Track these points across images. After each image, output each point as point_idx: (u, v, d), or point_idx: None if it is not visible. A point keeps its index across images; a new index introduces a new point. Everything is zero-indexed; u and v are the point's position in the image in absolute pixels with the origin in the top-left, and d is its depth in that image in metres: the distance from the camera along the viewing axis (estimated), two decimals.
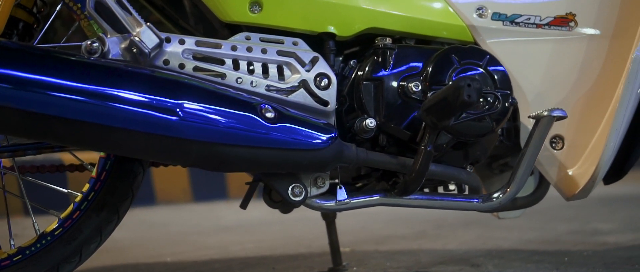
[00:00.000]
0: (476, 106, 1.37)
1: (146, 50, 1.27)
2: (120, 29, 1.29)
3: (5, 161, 1.46)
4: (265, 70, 1.36)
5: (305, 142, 1.28)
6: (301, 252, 2.38)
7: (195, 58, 1.33)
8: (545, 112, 1.35)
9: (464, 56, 1.42)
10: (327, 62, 1.40)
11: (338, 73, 1.45)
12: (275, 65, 1.37)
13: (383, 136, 1.40)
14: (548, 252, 2.21)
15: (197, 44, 1.34)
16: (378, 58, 1.41)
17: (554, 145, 1.51)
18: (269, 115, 1.27)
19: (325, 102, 1.37)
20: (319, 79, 1.37)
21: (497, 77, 1.42)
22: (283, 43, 1.39)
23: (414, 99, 1.39)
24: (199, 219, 3.97)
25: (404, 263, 2.05)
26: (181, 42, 1.33)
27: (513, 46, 1.51)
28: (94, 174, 1.40)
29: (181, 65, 1.32)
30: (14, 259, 1.35)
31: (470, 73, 1.41)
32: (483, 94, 1.37)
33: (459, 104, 1.24)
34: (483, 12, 1.50)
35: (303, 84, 1.36)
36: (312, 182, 1.38)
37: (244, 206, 1.60)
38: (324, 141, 1.30)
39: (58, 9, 1.47)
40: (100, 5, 1.29)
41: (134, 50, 1.27)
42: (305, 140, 1.28)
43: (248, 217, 2.38)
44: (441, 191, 1.57)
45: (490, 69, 1.42)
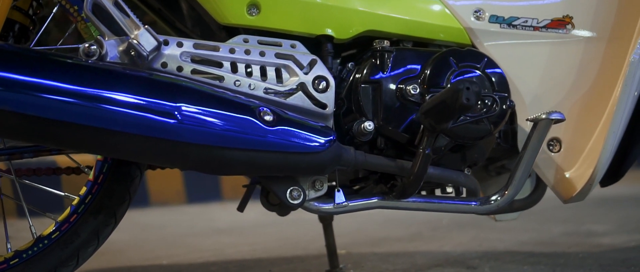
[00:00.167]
0: (474, 109, 1.37)
1: (144, 53, 1.26)
2: (118, 31, 1.28)
3: (0, 164, 1.45)
4: (264, 73, 1.36)
5: (304, 145, 1.28)
6: (297, 254, 2.38)
7: (193, 61, 1.33)
8: (544, 115, 1.35)
9: (462, 59, 1.42)
10: (325, 64, 1.40)
11: (336, 76, 1.45)
12: (274, 68, 1.36)
13: (381, 139, 1.40)
14: (544, 254, 2.21)
15: (195, 46, 1.33)
16: (376, 61, 1.41)
17: (551, 147, 1.51)
18: (268, 118, 1.27)
19: (323, 105, 1.36)
20: (317, 81, 1.37)
21: (495, 79, 1.42)
22: (281, 46, 1.39)
23: (412, 102, 1.39)
24: (193, 221, 3.96)
25: (400, 265, 2.05)
26: (179, 44, 1.32)
27: (510, 49, 1.51)
28: (91, 177, 1.40)
29: (179, 68, 1.31)
30: (11, 263, 1.34)
31: (468, 76, 1.41)
32: (481, 97, 1.37)
33: (458, 107, 1.24)
34: (480, 14, 1.51)
35: (301, 86, 1.36)
36: (310, 185, 1.38)
37: (241, 208, 1.60)
38: (323, 144, 1.29)
39: (54, 11, 1.47)
40: (98, 7, 1.28)
41: (132, 53, 1.27)
42: (304, 143, 1.28)
43: (243, 219, 2.37)
44: (439, 193, 1.57)
45: (488, 72, 1.42)
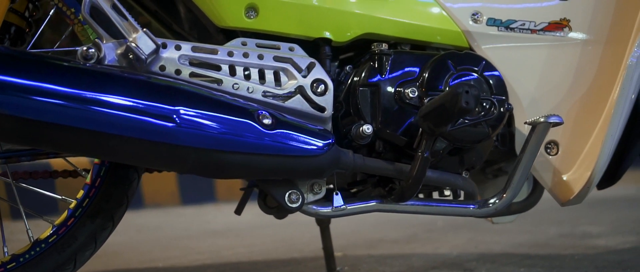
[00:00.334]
0: (473, 112, 1.37)
1: (143, 56, 1.26)
2: (116, 34, 1.28)
3: None
4: (262, 76, 1.35)
5: (303, 149, 1.28)
6: (294, 256, 2.37)
7: (192, 64, 1.32)
8: (542, 119, 1.35)
9: (460, 62, 1.42)
10: (324, 67, 1.40)
11: (334, 79, 1.44)
12: (272, 71, 1.36)
13: (379, 142, 1.40)
14: (539, 256, 2.22)
15: (194, 49, 1.33)
16: (374, 64, 1.41)
17: (548, 150, 1.52)
18: (267, 121, 1.26)
19: (322, 108, 1.36)
20: (315, 85, 1.36)
21: (493, 83, 1.42)
22: (279, 49, 1.39)
23: (410, 105, 1.39)
24: (188, 223, 3.95)
25: (397, 268, 2.05)
26: (177, 47, 1.32)
27: (508, 52, 1.51)
28: (88, 181, 1.39)
29: (177, 71, 1.31)
30: (8, 267, 1.33)
31: (465, 79, 1.41)
32: (480, 100, 1.37)
33: (457, 111, 1.24)
34: (478, 17, 1.51)
35: (300, 90, 1.36)
36: (309, 189, 1.38)
37: (239, 211, 1.60)
38: (322, 148, 1.29)
39: (51, 13, 1.46)
40: (95, 10, 1.27)
41: (131, 56, 1.26)
42: (303, 146, 1.28)
43: (238, 220, 2.37)
44: (436, 196, 1.57)
45: (486, 75, 1.42)
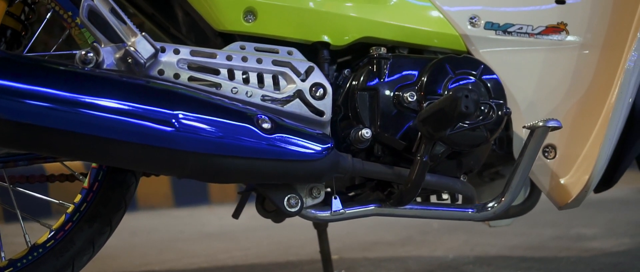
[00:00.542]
0: (472, 117, 1.37)
1: (142, 61, 1.25)
2: (115, 38, 1.27)
3: None
4: (261, 80, 1.35)
5: (302, 153, 1.27)
6: (290, 259, 2.37)
7: (190, 68, 1.32)
8: (541, 123, 1.35)
9: (458, 66, 1.42)
10: (322, 71, 1.39)
11: (332, 83, 1.44)
12: (271, 75, 1.36)
13: (378, 146, 1.40)
14: (535, 259, 2.23)
15: (192, 53, 1.33)
16: (373, 67, 1.40)
17: (546, 154, 1.52)
18: (266, 125, 1.26)
19: (320, 112, 1.36)
20: (314, 89, 1.36)
21: (492, 86, 1.42)
22: (278, 52, 1.38)
23: (409, 109, 1.38)
24: (182, 226, 3.94)
25: (393, 271, 2.05)
26: (176, 51, 1.31)
27: (505, 56, 1.51)
28: (85, 185, 1.38)
29: (176, 75, 1.30)
30: None
31: (464, 83, 1.41)
32: (479, 105, 1.37)
33: (457, 115, 1.24)
34: (476, 21, 1.51)
35: (298, 94, 1.35)
36: (308, 193, 1.37)
37: (236, 215, 1.59)
38: (321, 152, 1.29)
39: (48, 16, 1.45)
40: (94, 14, 1.27)
41: (129, 60, 1.26)
42: (302, 151, 1.28)
43: (232, 223, 2.36)
44: (434, 200, 1.57)
45: (484, 79, 1.42)
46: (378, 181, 1.44)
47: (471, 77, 1.42)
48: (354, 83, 1.41)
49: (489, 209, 1.44)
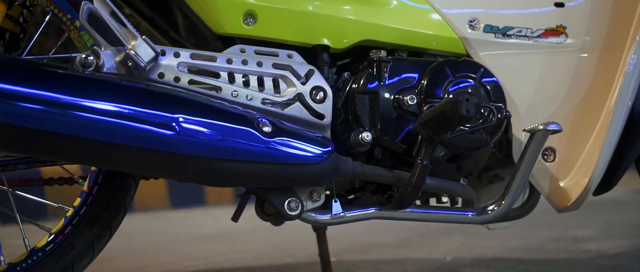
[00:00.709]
0: (473, 120, 1.37)
1: (142, 64, 1.25)
2: (115, 41, 1.26)
3: None
4: (261, 84, 1.35)
5: (303, 157, 1.27)
6: (288, 262, 2.37)
7: (191, 71, 1.32)
8: (541, 126, 1.35)
9: (458, 69, 1.42)
10: (322, 74, 1.39)
11: (332, 86, 1.44)
12: (271, 79, 1.35)
13: (378, 149, 1.40)
14: (533, 261, 2.23)
15: (193, 56, 1.32)
16: (373, 70, 1.40)
17: (546, 157, 1.52)
18: (266, 129, 1.26)
19: (321, 116, 1.36)
20: (314, 92, 1.36)
21: (491, 90, 1.43)
22: (278, 56, 1.38)
23: (409, 112, 1.38)
24: (179, 228, 3.93)
25: None
26: (176, 55, 1.31)
27: (505, 58, 1.51)
28: (85, 188, 1.38)
29: (176, 79, 1.30)
30: None
31: (464, 85, 1.41)
32: (479, 108, 1.37)
33: (458, 119, 1.24)
34: (475, 24, 1.51)
35: (299, 97, 1.35)
36: (308, 196, 1.37)
37: (236, 219, 1.59)
38: (321, 155, 1.29)
39: (47, 19, 1.45)
40: (94, 17, 1.26)
41: (130, 63, 1.25)
42: (303, 154, 1.27)
43: (228, 224, 2.36)
44: (433, 203, 1.57)
45: (484, 82, 1.43)
46: (378, 184, 1.44)
47: (471, 80, 1.42)
48: (354, 86, 1.41)
49: (489, 212, 1.45)
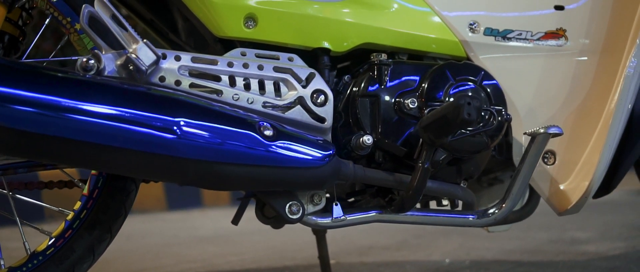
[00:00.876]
0: (474, 123, 1.37)
1: (143, 68, 1.24)
2: (115, 45, 1.26)
3: None
4: (262, 87, 1.34)
5: (304, 160, 1.27)
6: (287, 264, 2.36)
7: (191, 75, 1.31)
8: (541, 130, 1.36)
9: (459, 72, 1.42)
10: (323, 78, 1.39)
11: (333, 89, 1.44)
12: (272, 82, 1.35)
13: (379, 153, 1.40)
14: (531, 263, 2.23)
15: (193, 60, 1.32)
16: (374, 74, 1.40)
17: (546, 160, 1.52)
18: (268, 133, 1.26)
19: (322, 119, 1.36)
20: (315, 95, 1.36)
21: (492, 93, 1.43)
22: (279, 59, 1.38)
23: (410, 116, 1.38)
24: (176, 230, 3.92)
25: None
26: (177, 58, 1.31)
27: (505, 62, 1.51)
28: (85, 192, 1.37)
29: (177, 82, 1.30)
30: None
31: (464, 89, 1.41)
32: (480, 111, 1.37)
33: (459, 122, 1.24)
34: (475, 27, 1.51)
35: (300, 100, 1.35)
36: (309, 199, 1.37)
37: (236, 222, 1.59)
38: (322, 159, 1.29)
39: (47, 22, 1.44)
40: (95, 20, 1.26)
41: (131, 67, 1.25)
42: (304, 158, 1.27)
43: (226, 226, 2.36)
44: (433, 206, 1.57)
45: (485, 85, 1.43)
46: (379, 187, 1.44)
47: (472, 83, 1.42)
48: (354, 89, 1.41)
49: (490, 216, 1.45)
